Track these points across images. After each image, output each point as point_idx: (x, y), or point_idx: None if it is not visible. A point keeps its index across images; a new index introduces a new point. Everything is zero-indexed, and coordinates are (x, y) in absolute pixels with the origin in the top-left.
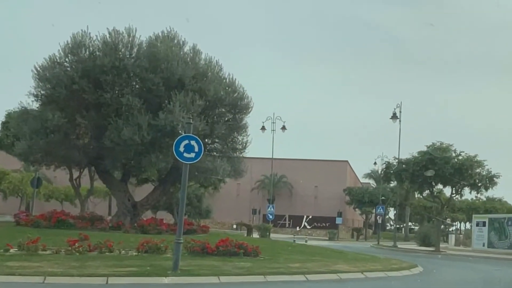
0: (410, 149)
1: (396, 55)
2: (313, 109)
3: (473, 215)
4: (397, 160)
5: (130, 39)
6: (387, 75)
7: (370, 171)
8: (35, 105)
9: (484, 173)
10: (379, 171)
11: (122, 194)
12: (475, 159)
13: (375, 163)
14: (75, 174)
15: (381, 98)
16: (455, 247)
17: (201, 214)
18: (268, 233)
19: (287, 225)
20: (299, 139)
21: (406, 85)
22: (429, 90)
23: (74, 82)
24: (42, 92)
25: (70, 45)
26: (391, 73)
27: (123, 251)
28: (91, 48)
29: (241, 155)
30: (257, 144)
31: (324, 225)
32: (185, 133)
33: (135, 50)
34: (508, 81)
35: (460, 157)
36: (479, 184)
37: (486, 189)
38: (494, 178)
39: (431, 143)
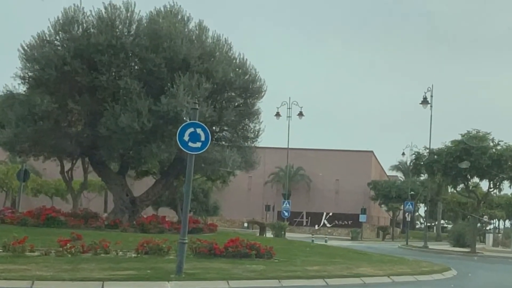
0: (442, 138)
1: (427, 32)
2: (334, 93)
3: None
4: (428, 150)
5: (128, 14)
6: (417, 56)
7: (397, 163)
8: (21, 89)
9: None
10: (408, 163)
11: (120, 189)
12: None
13: (403, 154)
14: (67, 166)
15: (410, 81)
16: (493, 248)
17: (208, 211)
18: (283, 232)
19: (304, 223)
20: (318, 126)
21: (438, 66)
22: (464, 72)
23: (65, 62)
24: (30, 74)
25: (61, 22)
26: (421, 53)
27: (120, 253)
28: (84, 25)
29: (253, 145)
30: (271, 132)
31: (346, 223)
32: (190, 120)
33: (134, 27)
34: None
35: (498, 147)
36: None
37: None
38: None
39: (466, 131)
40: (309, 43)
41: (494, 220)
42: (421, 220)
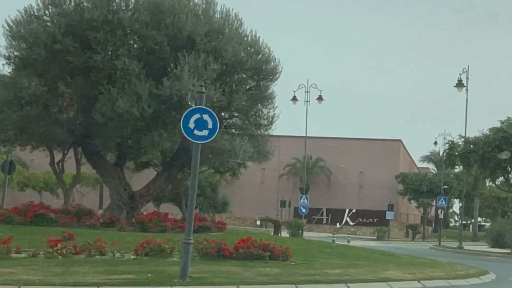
0: (479, 126)
1: (461, 7)
2: (357, 75)
3: None
4: (463, 139)
5: None
6: (450, 34)
7: (429, 153)
8: (6, 70)
9: None
10: (441, 153)
11: (117, 182)
12: None
13: (435, 143)
14: (57, 156)
15: (443, 61)
16: None
17: (216, 207)
18: (300, 232)
19: (324, 221)
20: (340, 112)
21: (474, 46)
22: (504, 52)
23: (55, 40)
24: (16, 53)
25: None
26: (455, 31)
27: (117, 254)
28: None
29: (266, 133)
30: (287, 119)
31: (371, 221)
32: (196, 105)
33: (132, 0)
34: None
35: None
36: None
37: None
38: None
39: (506, 118)
40: (329, 19)
41: None
42: (456, 218)
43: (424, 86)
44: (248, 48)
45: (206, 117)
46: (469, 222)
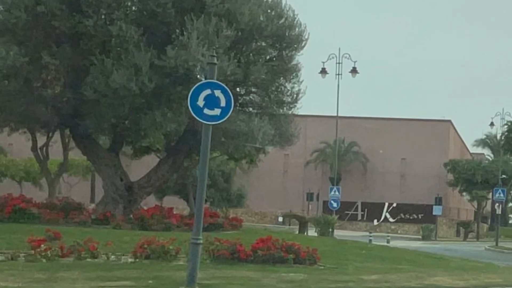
0: None
1: None
2: (399, 45)
3: None
4: None
5: None
6: None
7: (484, 136)
8: None
9: None
10: (498, 136)
11: (112, 171)
12: None
13: (491, 125)
14: (41, 140)
15: (500, 29)
16: None
17: (231, 200)
18: (330, 230)
19: (359, 218)
20: (378, 88)
21: None
22: None
23: (39, 2)
24: None
25: None
26: None
27: (112, 257)
28: None
29: (290, 112)
30: (315, 95)
31: (415, 217)
32: (206, 78)
33: None
34: None
35: None
36: None
37: None
38: None
39: None
40: None
41: None
42: None
43: (478, 58)
44: (268, 11)
45: (218, 93)
46: None
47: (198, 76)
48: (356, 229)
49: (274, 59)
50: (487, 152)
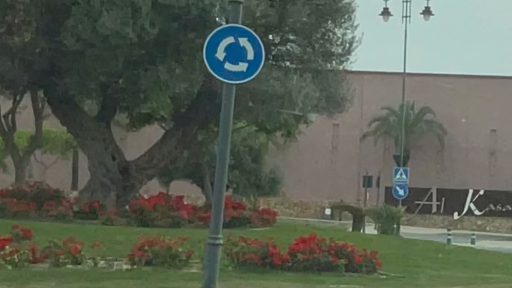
0: None
1: None
2: None
3: None
4: None
5: None
6: None
7: None
8: None
9: None
10: None
11: (101, 147)
12: None
13: None
14: (6, 106)
15: None
16: None
17: (261, 187)
18: (396, 226)
19: (434, 210)
20: (458, 36)
21: None
22: None
23: None
24: None
25: None
26: None
27: (101, 262)
28: None
29: (341, 67)
30: (374, 45)
31: (510, 209)
32: (227, 22)
33: None
34: None
35: None
36: None
37: None
38: None
39: None
40: None
41: None
42: None
43: None
44: None
45: (244, 41)
46: None
47: (217, 19)
48: (429, 225)
49: None
50: None
